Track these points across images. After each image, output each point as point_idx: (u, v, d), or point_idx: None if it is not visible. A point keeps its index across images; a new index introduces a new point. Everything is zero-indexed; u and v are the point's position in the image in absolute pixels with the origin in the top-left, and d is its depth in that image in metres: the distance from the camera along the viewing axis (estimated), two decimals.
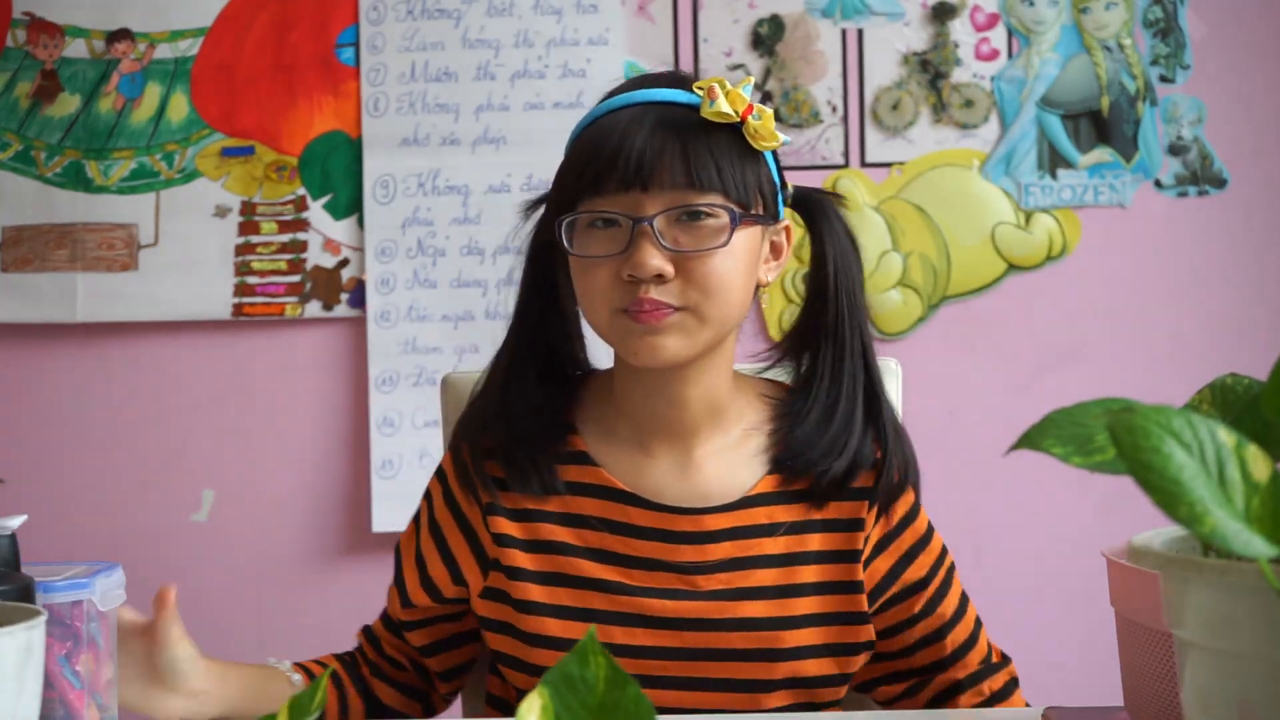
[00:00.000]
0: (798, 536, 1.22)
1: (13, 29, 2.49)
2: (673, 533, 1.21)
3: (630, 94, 1.20)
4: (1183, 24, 2.43)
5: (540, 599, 1.21)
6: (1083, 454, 0.59)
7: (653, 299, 1.14)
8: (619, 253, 1.15)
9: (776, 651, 1.19)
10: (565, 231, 1.18)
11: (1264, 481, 0.56)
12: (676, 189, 1.14)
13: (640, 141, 1.14)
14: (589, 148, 1.18)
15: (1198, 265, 2.43)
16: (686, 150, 1.14)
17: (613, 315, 1.16)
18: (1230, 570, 0.59)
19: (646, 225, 1.13)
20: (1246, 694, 0.60)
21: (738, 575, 1.20)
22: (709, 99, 1.15)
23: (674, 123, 1.16)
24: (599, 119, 1.20)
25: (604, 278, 1.16)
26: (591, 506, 1.23)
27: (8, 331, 2.49)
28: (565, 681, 0.55)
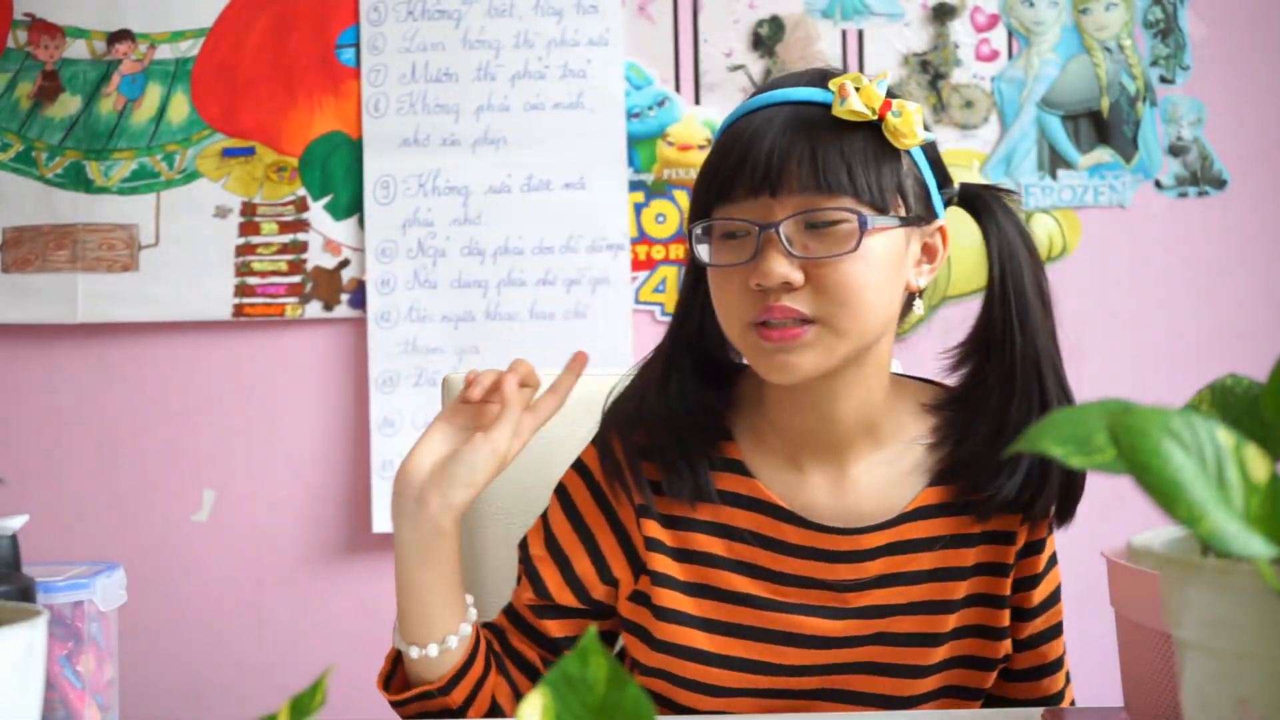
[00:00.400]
0: (955, 551, 1.18)
1: (14, 30, 2.49)
2: (827, 552, 1.16)
3: (768, 93, 1.14)
4: (1183, 25, 2.43)
5: (687, 609, 1.17)
6: (1082, 454, 0.59)
7: (783, 307, 1.08)
8: (746, 261, 1.09)
9: (922, 669, 1.16)
10: (698, 240, 1.13)
11: (1263, 482, 0.56)
12: (805, 193, 1.08)
13: (769, 143, 1.09)
14: (722, 150, 1.13)
15: (1198, 266, 2.43)
16: (815, 151, 1.09)
17: (744, 329, 1.11)
18: (1229, 571, 0.60)
19: (773, 232, 1.08)
20: (1246, 694, 0.60)
21: (892, 592, 1.16)
22: (840, 97, 1.10)
23: (805, 123, 1.10)
24: (737, 120, 1.14)
25: (734, 289, 1.11)
26: (744, 519, 1.18)
27: (8, 332, 2.49)
28: (565, 681, 0.55)
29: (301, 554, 2.47)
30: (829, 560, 1.16)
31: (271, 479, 2.47)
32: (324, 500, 2.46)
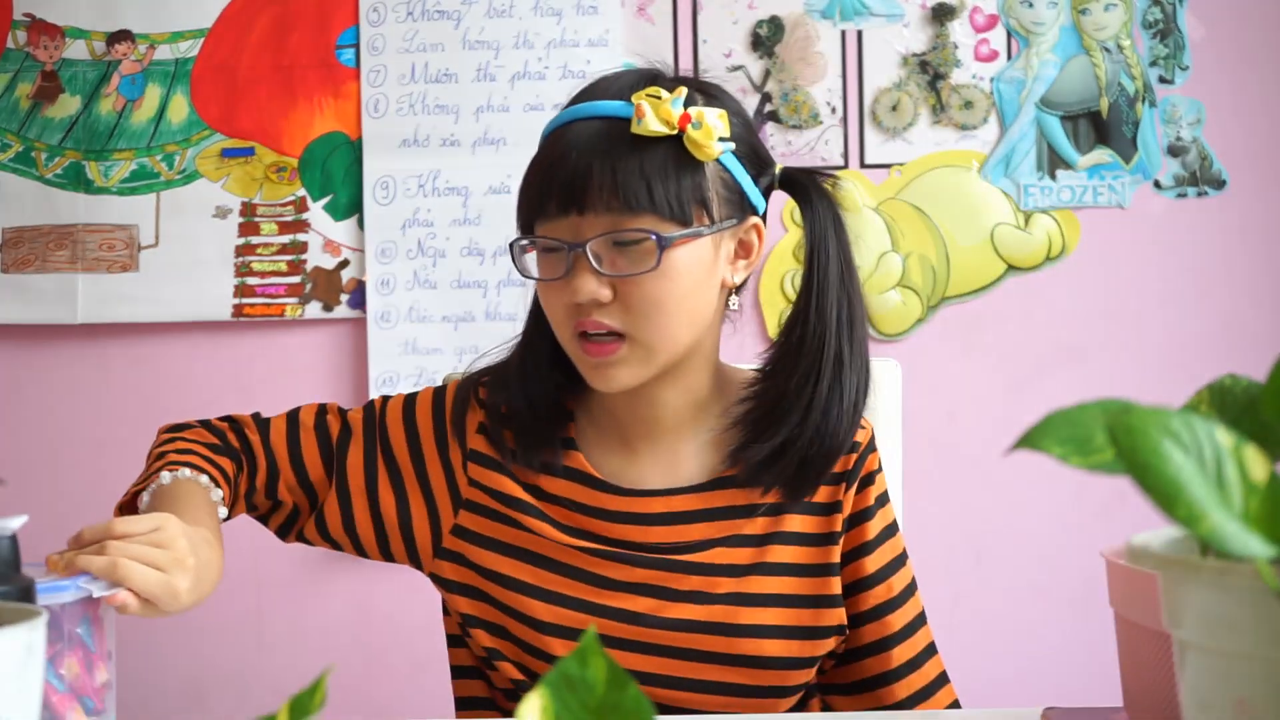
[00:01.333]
0: (776, 518, 1.23)
1: (13, 30, 2.49)
2: (642, 515, 1.23)
3: (580, 106, 1.19)
4: (1182, 25, 2.43)
5: (509, 572, 1.23)
6: (1082, 454, 0.59)
7: (595, 321, 1.15)
8: (560, 277, 1.16)
9: (734, 627, 1.20)
10: (518, 254, 1.21)
11: (1262, 482, 0.56)
12: (609, 212, 1.13)
13: (574, 162, 1.14)
14: (536, 165, 1.18)
15: (1197, 266, 2.43)
16: (616, 170, 1.13)
17: (571, 339, 1.18)
18: (1228, 571, 0.60)
19: (581, 252, 1.14)
20: (1244, 694, 0.60)
21: (712, 553, 1.21)
22: (638, 116, 1.14)
23: (608, 139, 1.14)
24: (552, 131, 1.20)
25: (555, 302, 1.18)
26: (565, 488, 1.25)
27: (8, 332, 2.49)
28: (565, 682, 0.55)
29: (300, 555, 2.47)
30: (645, 524, 1.22)
31: None
32: None
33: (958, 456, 2.35)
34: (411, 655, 2.43)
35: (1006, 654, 2.38)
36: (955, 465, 2.34)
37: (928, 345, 2.43)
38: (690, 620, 1.20)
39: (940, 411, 2.38)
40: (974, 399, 2.42)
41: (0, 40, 2.49)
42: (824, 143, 2.44)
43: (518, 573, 1.23)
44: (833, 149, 2.44)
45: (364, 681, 2.42)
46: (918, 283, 2.44)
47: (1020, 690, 2.35)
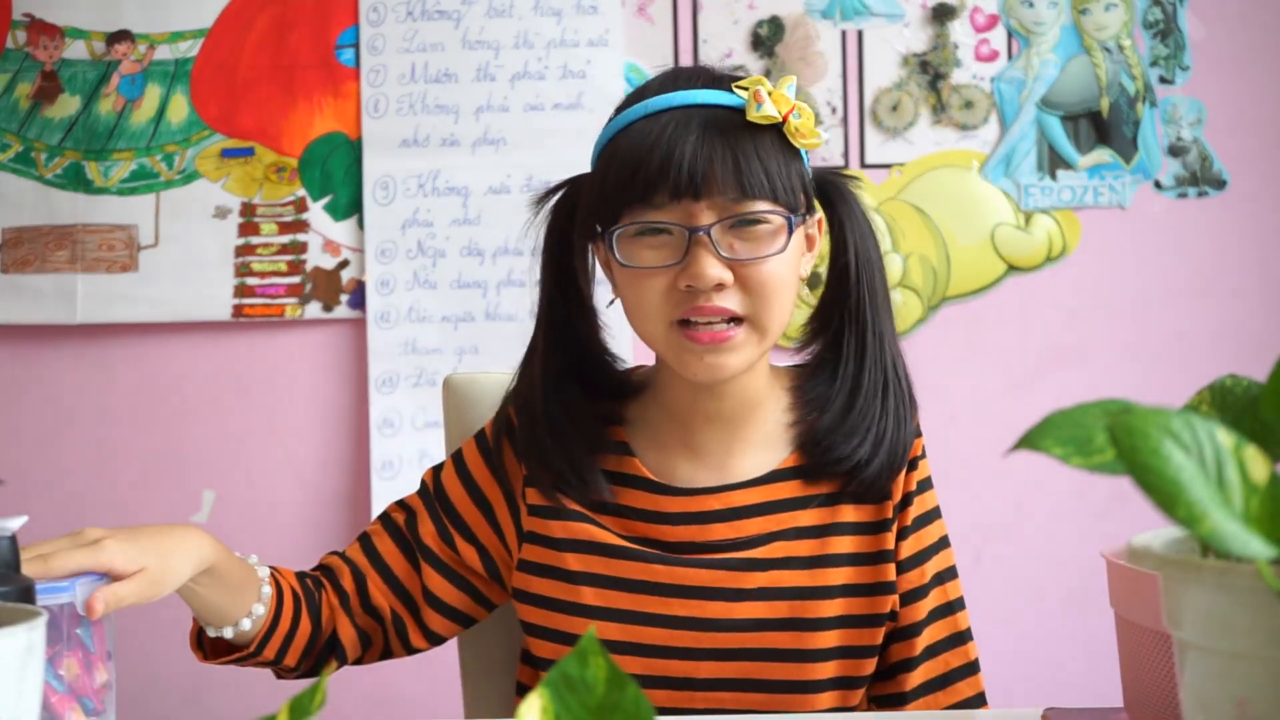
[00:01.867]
0: (832, 508, 1.23)
1: (13, 30, 2.49)
2: (701, 514, 1.22)
3: (668, 96, 1.18)
4: (1182, 25, 2.43)
5: (575, 599, 1.23)
6: (1082, 455, 0.60)
7: (714, 306, 1.14)
8: (674, 263, 1.14)
9: (805, 621, 1.20)
10: (614, 242, 1.17)
11: (1263, 482, 0.56)
12: (729, 196, 1.13)
13: (690, 149, 1.13)
14: (633, 154, 1.16)
15: (1197, 266, 2.43)
16: (736, 155, 1.14)
17: (669, 329, 1.16)
18: (1229, 571, 0.60)
19: (703, 235, 1.13)
20: (1245, 694, 0.60)
21: (774, 547, 1.21)
22: (755, 102, 1.15)
23: (721, 127, 1.15)
24: (636, 122, 1.18)
25: (658, 289, 1.16)
26: (626, 496, 1.24)
27: (8, 333, 2.49)
28: (565, 682, 0.55)
29: (300, 554, 2.46)
30: (706, 522, 1.22)
31: (271, 480, 2.47)
32: (323, 501, 2.46)
33: (958, 457, 2.34)
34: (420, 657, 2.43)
35: (1006, 654, 2.38)
36: (955, 465, 2.34)
37: (928, 345, 2.43)
38: (759, 619, 1.20)
39: (940, 412, 2.38)
40: (974, 399, 2.42)
41: (0, 40, 2.49)
42: (825, 143, 2.44)
43: (582, 597, 1.22)
44: (833, 149, 2.44)
45: (364, 681, 2.42)
46: (918, 283, 2.44)
47: (1020, 690, 2.35)
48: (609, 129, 1.22)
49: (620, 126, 1.19)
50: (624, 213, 1.16)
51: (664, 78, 1.22)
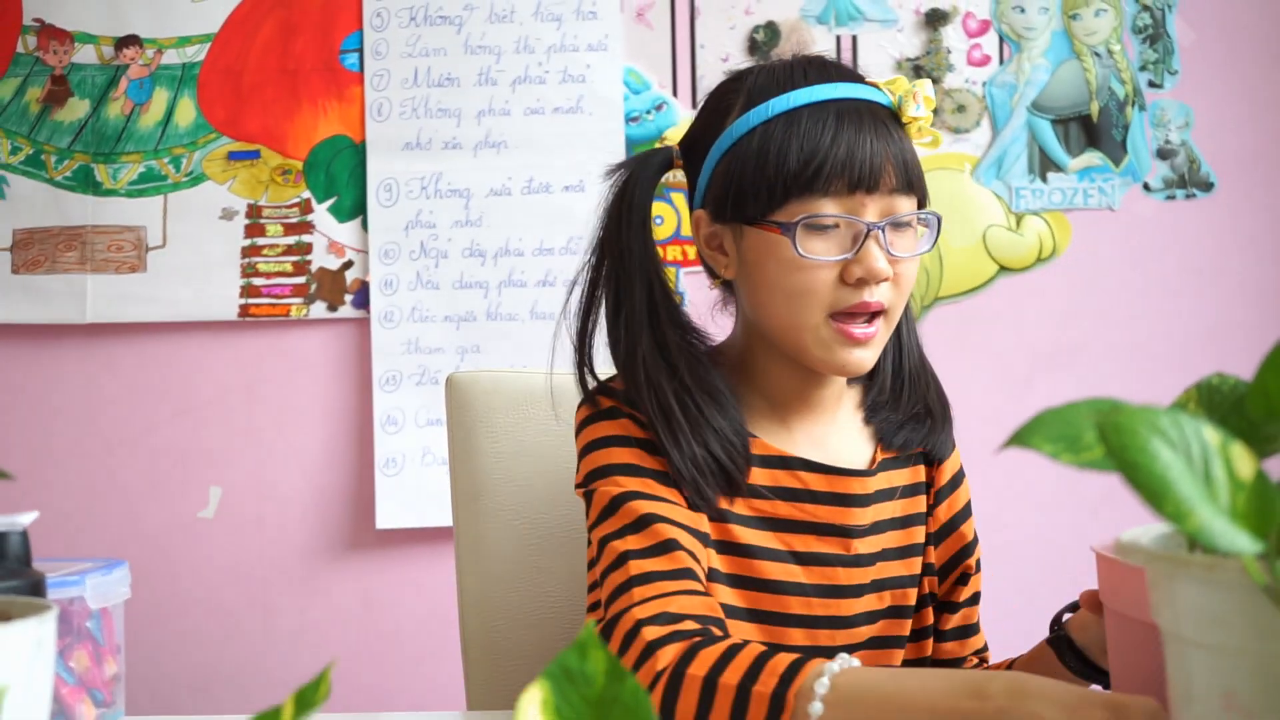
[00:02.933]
0: (909, 499, 1.26)
1: (23, 35, 2.49)
2: (844, 495, 1.20)
3: (830, 87, 1.14)
4: (1171, 30, 2.44)
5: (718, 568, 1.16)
6: (1072, 452, 0.60)
7: (875, 300, 1.13)
8: (845, 256, 1.12)
9: (906, 609, 1.23)
10: (795, 233, 1.11)
11: (1249, 479, 0.56)
12: (891, 193, 1.13)
13: (869, 144, 1.12)
14: (810, 145, 1.11)
15: (1185, 267, 2.44)
16: (904, 155, 1.14)
17: (825, 320, 1.13)
18: (1216, 566, 0.60)
19: (877, 231, 1.12)
20: (1231, 687, 0.60)
21: (880, 538, 1.22)
22: (913, 103, 1.15)
23: (883, 123, 1.14)
24: (801, 111, 1.13)
25: (826, 280, 1.12)
26: (760, 475, 1.18)
27: (19, 332, 2.49)
28: (565, 675, 0.55)
29: (306, 550, 2.47)
30: (845, 504, 1.20)
31: (276, 476, 2.47)
32: (328, 497, 2.46)
33: None
34: (416, 648, 2.43)
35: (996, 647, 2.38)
36: None
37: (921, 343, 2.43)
38: (872, 611, 1.21)
39: None
40: (966, 397, 2.40)
41: (10, 45, 2.49)
42: None
43: (725, 598, 1.16)
44: None
45: (369, 674, 2.42)
46: None
47: None
48: (765, 111, 1.14)
49: (783, 111, 1.14)
50: (793, 201, 1.12)
51: (806, 66, 1.17)
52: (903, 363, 1.26)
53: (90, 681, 1.00)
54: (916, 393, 1.26)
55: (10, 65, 2.49)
